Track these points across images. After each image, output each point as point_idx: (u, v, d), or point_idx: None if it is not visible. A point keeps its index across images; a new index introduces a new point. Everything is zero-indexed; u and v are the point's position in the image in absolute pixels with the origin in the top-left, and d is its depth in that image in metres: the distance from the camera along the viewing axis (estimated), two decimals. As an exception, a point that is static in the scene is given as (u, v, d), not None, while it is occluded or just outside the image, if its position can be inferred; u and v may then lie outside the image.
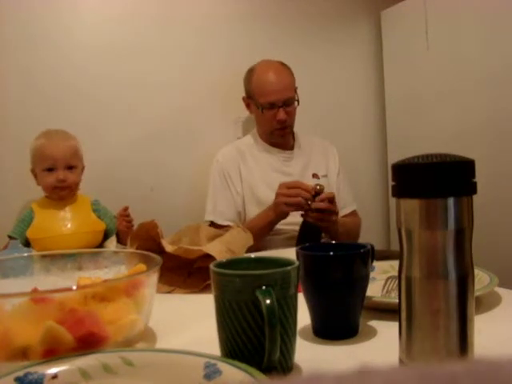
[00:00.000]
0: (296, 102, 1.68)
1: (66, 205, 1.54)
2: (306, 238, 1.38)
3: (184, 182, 2.03)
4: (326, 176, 1.76)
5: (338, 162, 1.81)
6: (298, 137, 1.83)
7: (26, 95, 1.77)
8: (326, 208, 1.37)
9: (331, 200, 1.39)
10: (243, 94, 1.81)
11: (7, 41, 1.75)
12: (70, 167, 1.51)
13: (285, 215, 1.47)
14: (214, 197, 1.71)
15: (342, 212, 1.77)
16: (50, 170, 1.48)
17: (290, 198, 1.41)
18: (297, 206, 1.40)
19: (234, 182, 1.71)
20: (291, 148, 1.78)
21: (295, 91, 1.70)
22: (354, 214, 1.80)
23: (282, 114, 1.63)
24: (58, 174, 1.48)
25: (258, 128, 1.82)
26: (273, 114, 1.65)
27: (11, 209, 1.69)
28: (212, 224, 1.61)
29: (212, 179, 1.74)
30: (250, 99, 1.76)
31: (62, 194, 1.52)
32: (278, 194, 1.45)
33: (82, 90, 1.85)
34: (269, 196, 1.62)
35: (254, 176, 1.72)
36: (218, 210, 1.68)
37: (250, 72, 1.74)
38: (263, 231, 1.53)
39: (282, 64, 1.72)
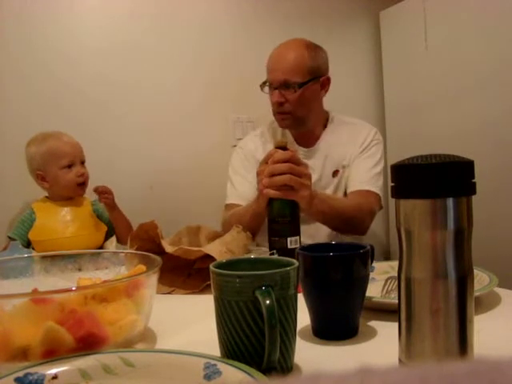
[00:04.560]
0: (299, 88, 1.41)
1: (68, 205, 1.54)
2: (278, 220, 1.01)
3: (184, 181, 2.03)
4: (348, 166, 1.50)
5: (365, 144, 1.50)
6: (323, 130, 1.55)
7: (24, 95, 1.77)
8: (284, 170, 1.02)
9: (294, 160, 1.05)
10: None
11: (6, 42, 1.75)
12: (83, 162, 1.56)
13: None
14: (235, 180, 1.55)
15: (348, 190, 1.50)
16: (69, 166, 1.51)
17: (274, 178, 1.03)
18: (285, 187, 1.03)
19: (255, 165, 1.38)
20: (309, 146, 1.53)
21: (305, 76, 1.42)
22: (359, 193, 1.46)
23: (274, 96, 1.42)
24: (78, 169, 1.52)
25: None
26: (270, 95, 1.45)
27: (11, 209, 1.69)
28: (232, 206, 1.47)
29: (233, 165, 1.58)
30: None
31: (83, 190, 1.55)
32: (258, 178, 1.10)
33: (80, 91, 1.85)
34: None
35: None
36: (238, 191, 1.52)
37: None
38: (252, 223, 1.22)
39: (300, 45, 1.45)
